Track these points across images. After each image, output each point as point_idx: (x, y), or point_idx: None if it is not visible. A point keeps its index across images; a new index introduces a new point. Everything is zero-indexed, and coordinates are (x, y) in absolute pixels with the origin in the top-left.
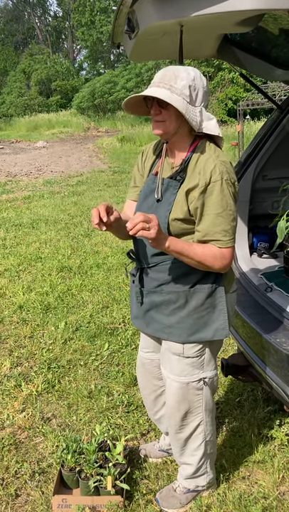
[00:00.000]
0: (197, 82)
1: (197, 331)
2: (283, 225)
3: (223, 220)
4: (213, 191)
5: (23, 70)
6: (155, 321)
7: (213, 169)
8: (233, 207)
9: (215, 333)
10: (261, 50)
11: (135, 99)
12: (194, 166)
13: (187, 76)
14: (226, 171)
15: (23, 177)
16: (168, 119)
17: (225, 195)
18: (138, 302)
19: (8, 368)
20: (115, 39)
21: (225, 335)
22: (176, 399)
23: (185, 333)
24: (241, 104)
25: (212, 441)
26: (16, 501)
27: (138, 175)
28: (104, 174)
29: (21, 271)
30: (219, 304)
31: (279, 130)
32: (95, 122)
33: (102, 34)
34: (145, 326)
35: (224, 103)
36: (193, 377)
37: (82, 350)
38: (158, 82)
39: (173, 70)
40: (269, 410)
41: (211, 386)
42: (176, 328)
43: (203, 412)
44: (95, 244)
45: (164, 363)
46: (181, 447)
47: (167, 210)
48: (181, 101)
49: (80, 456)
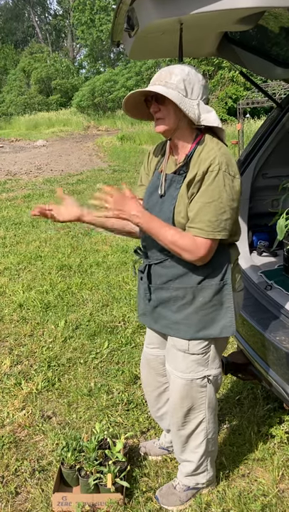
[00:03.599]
0: (192, 76)
1: (204, 327)
2: (283, 223)
3: (211, 210)
4: (208, 180)
5: (23, 68)
6: (163, 317)
7: (213, 159)
8: (226, 200)
9: (222, 331)
10: (261, 48)
11: (135, 100)
12: (197, 159)
13: (181, 72)
14: (226, 162)
15: (22, 176)
16: (167, 115)
17: (218, 186)
18: (146, 299)
19: (8, 366)
20: (115, 37)
21: (231, 332)
22: (180, 395)
23: (192, 330)
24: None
25: (213, 439)
26: (16, 499)
27: (144, 174)
28: (104, 173)
29: (21, 269)
30: (227, 301)
31: (279, 128)
32: (94, 121)
33: (102, 33)
34: (153, 322)
35: (224, 102)
36: (198, 374)
37: (82, 348)
38: (154, 81)
39: (168, 69)
40: (269, 408)
41: (215, 384)
42: (183, 324)
43: (206, 409)
44: (95, 243)
45: (169, 360)
46: (182, 444)
47: (172, 205)
48: (176, 94)
49: (80, 454)
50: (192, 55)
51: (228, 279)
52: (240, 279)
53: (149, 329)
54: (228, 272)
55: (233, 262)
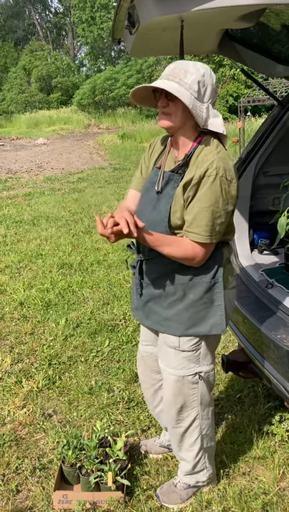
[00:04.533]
0: (207, 78)
1: (194, 325)
2: (284, 221)
3: (207, 215)
4: (205, 185)
5: (23, 66)
6: (154, 313)
7: (210, 164)
8: (222, 205)
9: (211, 328)
10: (262, 45)
11: (144, 90)
12: (195, 160)
13: (197, 72)
14: (224, 167)
15: (23, 174)
16: (174, 112)
17: (215, 191)
18: (138, 294)
19: (9, 364)
20: (116, 35)
21: (221, 330)
22: (173, 392)
23: (182, 327)
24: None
25: (208, 435)
26: (16, 497)
27: (144, 166)
28: (104, 171)
29: (22, 268)
30: (217, 299)
31: (280, 126)
32: (95, 119)
33: (103, 30)
34: (144, 317)
35: (225, 100)
36: (189, 371)
37: (83, 346)
38: (168, 75)
39: (183, 65)
40: (269, 406)
41: (207, 381)
42: (173, 321)
43: (199, 406)
44: (96, 241)
45: (161, 357)
46: (178, 442)
47: (168, 204)
48: (188, 95)
49: (80, 452)
50: (193, 52)
51: (219, 277)
52: (233, 277)
53: (143, 326)
54: (220, 271)
55: (224, 260)
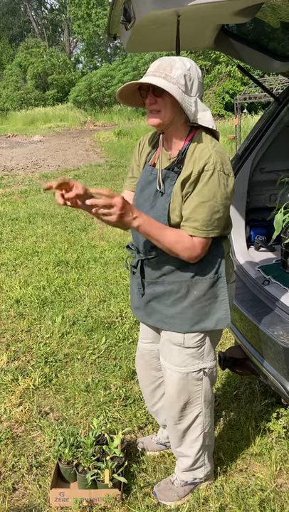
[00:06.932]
0: (192, 72)
1: (199, 320)
2: (280, 217)
3: (206, 210)
4: (203, 179)
5: (19, 63)
6: (156, 312)
7: (208, 158)
8: (220, 199)
9: (217, 323)
10: (259, 41)
11: (130, 89)
12: (191, 156)
13: (183, 66)
14: (221, 161)
15: (19, 171)
16: (163, 108)
17: (213, 186)
18: (139, 293)
19: (5, 362)
20: (111, 30)
21: (226, 324)
22: (177, 389)
23: (187, 324)
24: (238, 97)
25: (210, 433)
26: (13, 495)
27: (135, 166)
28: (101, 168)
29: (18, 265)
30: (221, 294)
31: (276, 123)
32: (91, 116)
33: (99, 27)
34: (146, 316)
35: (221, 97)
36: (194, 367)
37: (80, 344)
38: (153, 71)
39: (169, 60)
40: (266, 403)
41: (211, 377)
42: (178, 318)
43: (202, 402)
44: (92, 239)
45: (163, 354)
46: (179, 439)
47: (166, 202)
48: (176, 89)
49: (77, 450)
50: (189, 48)
51: (222, 272)
52: (232, 271)
53: (143, 323)
54: (222, 265)
55: (225, 254)
